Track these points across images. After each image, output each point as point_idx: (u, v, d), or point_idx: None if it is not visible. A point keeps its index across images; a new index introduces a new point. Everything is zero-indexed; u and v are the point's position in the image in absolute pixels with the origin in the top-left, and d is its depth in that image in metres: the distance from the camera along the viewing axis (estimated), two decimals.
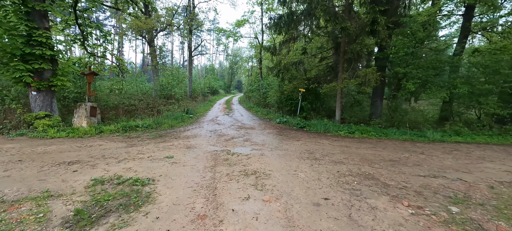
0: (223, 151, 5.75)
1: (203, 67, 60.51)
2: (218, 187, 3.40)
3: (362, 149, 5.96)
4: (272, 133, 8.39)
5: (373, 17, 7.17)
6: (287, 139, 7.30)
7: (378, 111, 10.79)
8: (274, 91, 14.79)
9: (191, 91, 26.21)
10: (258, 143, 6.71)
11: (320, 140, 7.10)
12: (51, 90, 8.20)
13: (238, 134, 8.10)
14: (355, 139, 7.41)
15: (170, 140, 7.24)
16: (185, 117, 12.03)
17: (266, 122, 11.41)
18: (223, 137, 7.56)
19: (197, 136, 7.83)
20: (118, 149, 6.02)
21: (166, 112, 13.03)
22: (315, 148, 5.95)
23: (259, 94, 20.04)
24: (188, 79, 26.35)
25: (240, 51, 57.04)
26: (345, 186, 3.46)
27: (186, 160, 4.97)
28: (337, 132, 8.50)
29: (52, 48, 8.12)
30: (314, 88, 12.25)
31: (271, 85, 18.69)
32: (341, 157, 5.13)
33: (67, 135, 7.51)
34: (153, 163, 4.73)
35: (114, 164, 4.68)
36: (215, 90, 38.81)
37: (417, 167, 4.50)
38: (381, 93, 10.69)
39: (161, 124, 9.98)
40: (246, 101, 24.34)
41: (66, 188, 3.52)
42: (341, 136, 7.97)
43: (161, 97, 20.63)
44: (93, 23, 12.00)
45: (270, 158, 4.98)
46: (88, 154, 5.46)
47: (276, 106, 15.19)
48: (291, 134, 8.36)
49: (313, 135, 8.13)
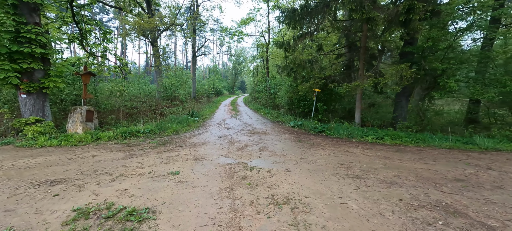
0: (238, 164, 4.81)
1: (206, 68, 59.87)
2: (243, 226, 2.45)
3: (407, 161, 4.93)
4: (289, 140, 7.43)
5: (409, 3, 6.16)
6: (310, 147, 6.32)
7: (403, 112, 9.73)
8: (284, 91, 13.82)
9: (195, 92, 25.41)
10: (277, 153, 5.75)
11: (348, 149, 6.11)
12: (42, 93, 7.36)
13: (251, 141, 7.15)
14: (388, 147, 6.38)
15: (174, 148, 6.33)
16: (190, 121, 11.14)
17: (279, 126, 10.44)
18: (235, 145, 6.61)
19: (205, 143, 6.90)
20: (115, 161, 5.12)
21: (169, 115, 12.16)
22: (349, 160, 4.96)
23: (267, 94, 19.09)
24: (192, 79, 25.56)
25: (243, 52, 56.32)
26: (427, 229, 2.43)
27: (195, 177, 4.04)
28: (363, 138, 7.49)
29: (44, 46, 7.28)
30: (330, 88, 11.25)
31: (280, 85, 17.72)
32: (389, 174, 4.11)
33: (59, 143, 6.65)
34: (155, 183, 3.81)
35: (107, 184, 3.77)
36: (219, 91, 38.00)
37: (501, 191, 3.45)
38: (407, 93, 9.63)
39: (165, 129, 9.09)
40: (252, 102, 23.41)
41: (38, 225, 2.61)
42: (370, 143, 6.97)
43: (165, 99, 19.85)
44: (92, 20, 11.20)
45: (300, 176, 4.01)
46: (78, 168, 4.57)
47: (286, 107, 14.22)
48: (311, 140, 7.37)
49: (337, 142, 7.13)
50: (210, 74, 45.49)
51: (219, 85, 38.29)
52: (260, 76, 25.18)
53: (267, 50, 21.94)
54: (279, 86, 17.77)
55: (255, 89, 25.12)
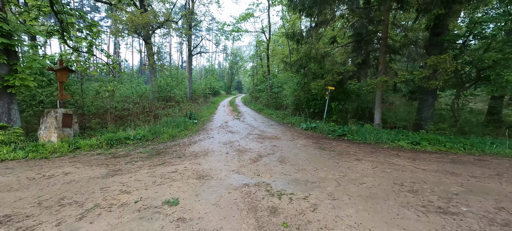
0: (258, 185, 3.58)
1: (202, 68, 58.35)
2: None
3: (486, 179, 3.68)
4: (309, 146, 6.24)
5: None
6: (339, 157, 5.13)
7: (430, 112, 8.64)
8: (291, 90, 12.64)
9: (191, 92, 24.08)
10: (303, 166, 4.55)
11: (389, 159, 4.94)
12: (7, 93, 6.01)
13: (264, 149, 5.93)
14: (437, 156, 5.18)
15: (171, 160, 5.08)
16: (189, 124, 9.85)
17: (289, 129, 9.25)
18: (246, 155, 5.38)
19: (209, 152, 5.66)
20: (92, 181, 3.84)
21: (165, 118, 10.85)
22: (405, 179, 3.76)
23: (269, 94, 17.89)
24: (188, 79, 24.22)
25: (240, 51, 55.06)
26: None
27: (202, 212, 2.80)
28: (395, 143, 6.35)
29: (8, 35, 5.94)
30: (344, 86, 10.12)
31: (284, 83, 16.55)
32: (485, 204, 2.84)
33: (26, 155, 5.32)
34: (143, 223, 2.57)
35: (70, 226, 2.52)
36: (216, 91, 36.66)
37: None
38: (434, 90, 8.56)
39: (159, 134, 7.81)
40: (253, 102, 22.19)
41: None
42: (408, 150, 5.81)
43: (160, 100, 18.50)
44: (74, 10, 9.81)
45: (356, 209, 2.77)
46: (37, 196, 3.28)
47: (292, 107, 13.04)
48: (335, 146, 6.19)
49: (367, 148, 5.97)
50: (207, 73, 44.08)
51: (216, 85, 36.95)
52: (260, 74, 23.99)
53: (268, 47, 20.75)
54: (281, 85, 16.60)
55: (255, 88, 23.90)
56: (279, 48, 23.58)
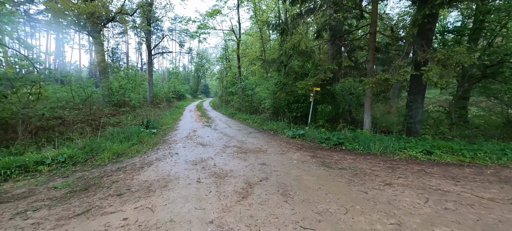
0: None
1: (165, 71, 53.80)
2: None
3: None
4: (308, 163, 4.77)
5: None
6: (362, 182, 3.72)
7: (418, 115, 8.03)
8: (269, 92, 11.22)
9: (152, 96, 21.10)
10: (323, 204, 3.00)
11: (424, 180, 3.66)
12: None
13: (252, 171, 4.25)
14: (472, 171, 3.99)
15: (103, 203, 3.06)
16: (144, 135, 7.62)
17: (273, 137, 7.74)
18: (227, 184, 3.63)
19: (170, 182, 3.75)
20: None
21: (111, 128, 8.35)
22: (483, 219, 2.51)
23: (241, 97, 16.26)
24: (148, 82, 21.19)
25: (206, 53, 52.38)
26: None
27: None
28: (404, 152, 5.31)
29: None
30: (330, 86, 9.08)
31: (258, 85, 15.12)
32: None
33: None
34: None
35: None
36: (181, 95, 33.55)
37: None
38: (423, 89, 7.98)
39: (98, 152, 5.54)
40: (223, 106, 20.27)
41: None
42: (423, 162, 4.76)
43: (111, 105, 15.39)
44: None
45: None
46: None
47: (271, 111, 11.64)
48: (341, 161, 4.84)
49: (380, 163, 4.73)
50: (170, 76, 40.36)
51: (181, 88, 33.83)
52: (231, 76, 22.24)
53: (238, 47, 19.16)
54: (255, 88, 15.13)
55: (225, 91, 22.03)
56: (249, 50, 22.20)
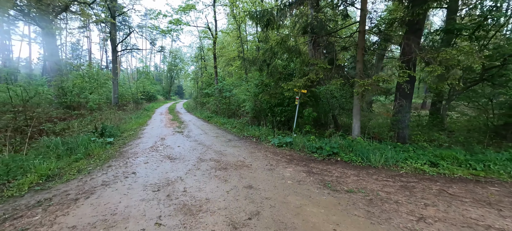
0: None
1: (134, 70, 49.71)
2: None
3: None
4: (305, 183, 3.85)
5: None
6: (384, 215, 2.89)
7: (406, 119, 7.69)
8: (250, 94, 10.21)
9: (117, 97, 18.79)
10: None
11: (461, 211, 2.94)
12: None
13: (235, 199, 3.19)
14: (499, 190, 3.52)
15: None
16: (95, 146, 6.06)
17: (256, 146, 6.73)
18: (202, 228, 2.53)
19: (114, 226, 2.52)
20: None
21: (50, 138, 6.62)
22: None
23: (218, 99, 15.00)
24: (113, 81, 18.79)
25: (180, 52, 49.71)
26: None
27: None
28: (407, 164, 4.69)
29: None
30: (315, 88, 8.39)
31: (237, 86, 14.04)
32: None
33: None
34: None
35: None
36: (152, 96, 30.91)
37: None
38: (410, 92, 7.64)
39: (18, 174, 4.00)
40: (199, 109, 18.76)
41: None
42: (435, 176, 4.15)
43: (63, 107, 13.04)
44: None
45: None
46: None
47: (251, 114, 10.64)
48: (344, 179, 4.00)
49: (389, 180, 3.98)
50: (140, 75, 37.18)
51: (151, 89, 31.15)
52: (206, 77, 20.79)
53: (214, 44, 17.87)
54: (233, 89, 14.02)
55: (201, 92, 20.51)
56: (226, 50, 20.99)
